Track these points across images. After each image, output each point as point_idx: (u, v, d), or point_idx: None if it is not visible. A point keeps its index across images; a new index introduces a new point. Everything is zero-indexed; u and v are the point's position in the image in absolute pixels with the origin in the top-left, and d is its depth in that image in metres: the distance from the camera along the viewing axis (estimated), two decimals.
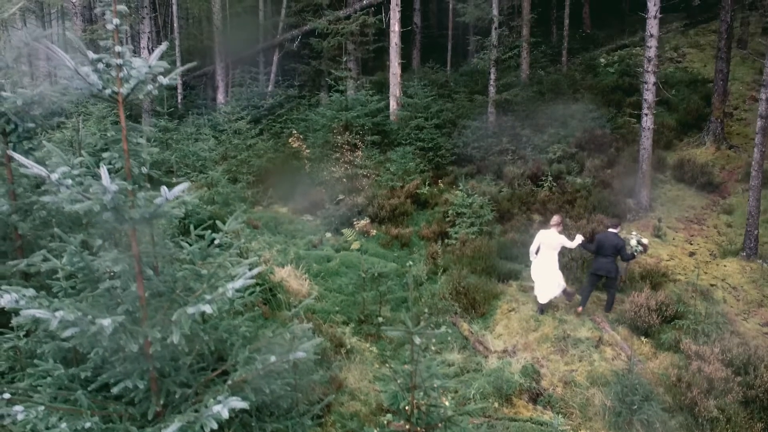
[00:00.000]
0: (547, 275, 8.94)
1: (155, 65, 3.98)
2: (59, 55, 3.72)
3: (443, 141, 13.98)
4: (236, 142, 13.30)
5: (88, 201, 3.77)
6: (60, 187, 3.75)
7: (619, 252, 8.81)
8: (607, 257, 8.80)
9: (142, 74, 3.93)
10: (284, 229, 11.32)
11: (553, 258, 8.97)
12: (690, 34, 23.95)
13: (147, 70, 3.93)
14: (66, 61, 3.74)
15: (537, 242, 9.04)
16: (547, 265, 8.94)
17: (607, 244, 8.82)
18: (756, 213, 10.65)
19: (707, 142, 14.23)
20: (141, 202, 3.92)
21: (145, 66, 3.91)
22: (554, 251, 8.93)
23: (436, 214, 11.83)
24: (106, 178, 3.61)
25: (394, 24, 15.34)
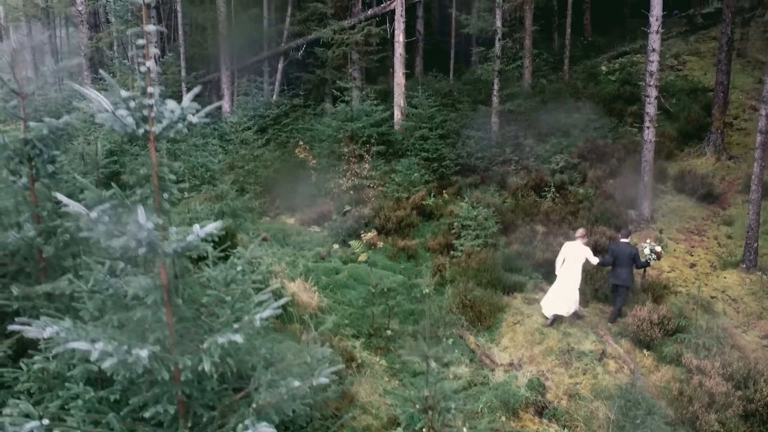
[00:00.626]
0: (568, 289, 9.18)
1: (187, 107, 4.17)
2: (97, 98, 3.91)
3: (447, 151, 14.19)
4: (243, 152, 13.48)
5: (124, 237, 3.96)
6: (98, 224, 3.93)
7: (634, 260, 9.17)
8: (624, 267, 9.15)
9: (174, 116, 4.12)
10: (292, 241, 11.52)
11: (576, 270, 9.22)
12: (690, 40, 24.17)
13: (179, 113, 4.12)
14: (104, 104, 3.93)
15: (562, 255, 9.31)
16: (570, 278, 9.18)
17: (622, 254, 9.15)
18: (755, 226, 10.87)
19: (707, 152, 14.45)
20: (173, 237, 4.11)
21: (178, 109, 4.10)
22: (578, 263, 9.19)
23: (442, 225, 12.03)
24: (143, 217, 3.80)
25: (398, 35, 15.53)
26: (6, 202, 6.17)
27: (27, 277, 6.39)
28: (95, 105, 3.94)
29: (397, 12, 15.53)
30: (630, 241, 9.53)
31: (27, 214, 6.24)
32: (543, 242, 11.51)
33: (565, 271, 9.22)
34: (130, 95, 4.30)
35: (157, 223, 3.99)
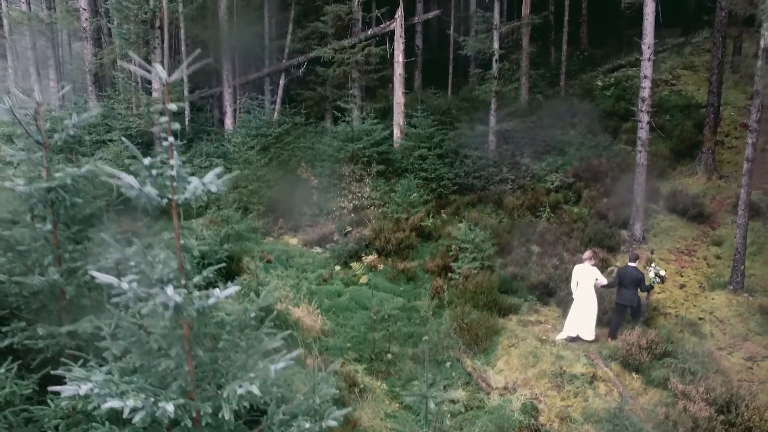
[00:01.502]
0: (586, 311, 9.73)
1: (209, 182, 4.54)
2: (126, 179, 4.29)
3: (446, 170, 14.58)
4: (246, 172, 13.86)
5: (152, 302, 4.35)
6: (128, 292, 4.32)
7: (639, 284, 9.74)
8: (629, 289, 9.74)
9: (197, 191, 4.50)
10: (296, 262, 11.91)
11: (591, 292, 9.77)
12: (685, 53, 24.55)
13: (201, 188, 4.49)
14: (132, 183, 4.31)
15: (575, 278, 9.88)
16: (587, 300, 9.73)
17: (628, 277, 9.73)
18: (742, 249, 11.29)
19: (699, 172, 14.86)
20: (196, 301, 4.50)
21: (200, 185, 4.47)
22: (591, 285, 9.74)
23: (440, 246, 12.42)
24: (171, 291, 4.19)
25: (398, 55, 15.90)
26: (31, 246, 6.56)
27: (49, 315, 6.79)
28: (124, 183, 4.32)
29: (396, 33, 15.91)
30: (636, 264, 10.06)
31: (50, 256, 6.64)
32: (538, 264, 11.92)
33: (580, 293, 9.81)
34: (153, 161, 4.68)
35: (183, 292, 4.37)
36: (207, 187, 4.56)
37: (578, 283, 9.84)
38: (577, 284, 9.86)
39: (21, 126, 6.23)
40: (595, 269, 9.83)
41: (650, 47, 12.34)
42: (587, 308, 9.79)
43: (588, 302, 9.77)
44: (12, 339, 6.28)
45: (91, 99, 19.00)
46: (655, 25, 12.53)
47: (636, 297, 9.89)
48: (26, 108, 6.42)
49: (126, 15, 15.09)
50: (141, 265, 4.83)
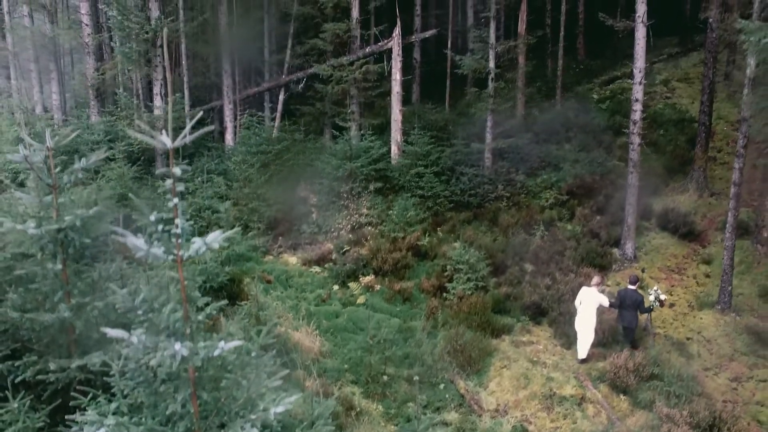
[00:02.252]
0: (585, 330, 10.16)
1: (211, 241, 4.84)
2: (132, 242, 4.59)
3: (442, 188, 14.88)
4: (246, 191, 14.16)
5: (159, 354, 4.66)
6: (138, 345, 4.63)
7: (638, 306, 10.17)
8: (629, 311, 10.18)
9: (200, 249, 4.80)
10: (295, 282, 12.22)
11: (591, 314, 10.16)
12: (680, 64, 24.84)
13: (204, 247, 4.79)
14: (139, 245, 4.61)
15: (579, 298, 10.30)
16: (586, 320, 10.16)
17: (628, 300, 10.16)
18: (729, 270, 11.60)
19: (690, 189, 15.16)
20: (202, 351, 4.81)
21: (203, 245, 4.78)
22: (593, 308, 10.16)
23: (436, 266, 12.73)
24: (178, 345, 4.49)
25: (395, 73, 16.20)
26: (41, 283, 6.87)
27: (59, 348, 7.11)
28: (131, 246, 4.62)
29: (394, 51, 16.20)
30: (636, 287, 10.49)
31: (60, 292, 6.96)
32: (531, 283, 12.23)
33: (581, 313, 10.23)
34: (158, 217, 4.99)
35: (189, 345, 4.67)
36: (210, 246, 4.87)
37: (581, 302, 10.25)
38: (580, 303, 10.27)
39: (33, 171, 6.54)
40: (601, 295, 10.26)
41: (641, 71, 12.64)
42: (585, 328, 10.16)
43: (587, 323, 10.13)
44: (24, 374, 6.60)
45: (93, 114, 19.28)
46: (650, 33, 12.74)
47: (636, 319, 10.30)
48: (37, 152, 6.74)
49: (128, 33, 15.37)
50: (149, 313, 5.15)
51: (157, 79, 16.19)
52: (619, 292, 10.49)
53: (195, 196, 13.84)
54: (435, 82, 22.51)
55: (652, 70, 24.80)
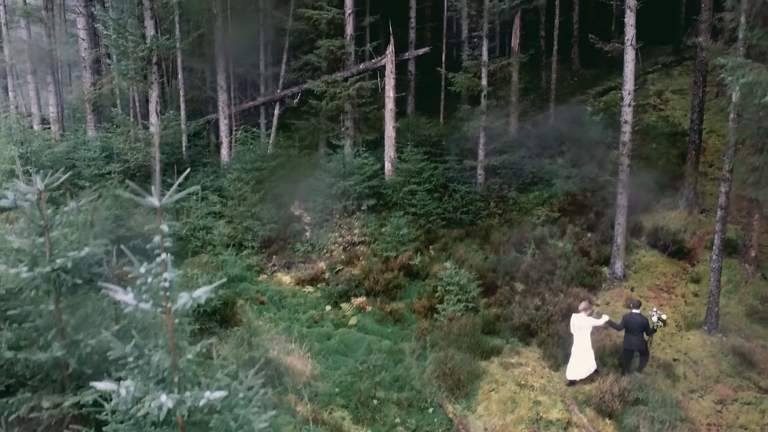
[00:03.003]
0: (581, 355, 10.36)
1: (197, 296, 5.00)
2: (122, 297, 4.75)
3: (434, 206, 15.03)
4: (241, 209, 14.32)
5: (148, 404, 4.82)
6: (127, 396, 4.79)
7: (644, 329, 10.38)
8: (635, 335, 10.38)
9: (187, 303, 4.96)
10: (288, 303, 12.38)
11: (586, 339, 10.36)
12: (674, 74, 24.96)
13: (191, 302, 4.95)
14: (128, 301, 4.77)
15: (572, 324, 10.50)
16: (581, 346, 10.36)
17: (634, 324, 10.37)
18: (716, 291, 11.75)
19: (681, 206, 15.31)
20: (188, 400, 4.97)
21: (189, 299, 4.94)
22: (587, 332, 10.36)
23: (427, 286, 12.89)
24: (164, 398, 4.65)
25: (389, 90, 16.34)
26: (35, 322, 7.02)
27: (53, 383, 7.28)
28: (121, 300, 4.79)
29: (387, 69, 16.34)
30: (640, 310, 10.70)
31: (53, 330, 7.12)
32: (521, 304, 12.37)
33: (576, 340, 10.43)
34: (149, 268, 5.15)
35: (175, 398, 4.83)
36: (196, 301, 5.03)
37: (575, 328, 10.48)
38: (575, 329, 10.49)
39: (24, 215, 6.69)
40: (590, 319, 10.41)
41: (630, 93, 12.78)
42: (582, 353, 10.39)
43: (584, 347, 10.37)
44: (18, 410, 6.76)
45: (90, 128, 19.44)
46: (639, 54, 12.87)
47: (643, 342, 10.55)
48: (28, 193, 6.88)
49: (123, 51, 15.51)
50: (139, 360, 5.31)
51: (152, 97, 16.33)
52: (624, 317, 10.66)
53: (190, 215, 14.00)
54: (430, 93, 22.62)
55: (646, 81, 24.94)
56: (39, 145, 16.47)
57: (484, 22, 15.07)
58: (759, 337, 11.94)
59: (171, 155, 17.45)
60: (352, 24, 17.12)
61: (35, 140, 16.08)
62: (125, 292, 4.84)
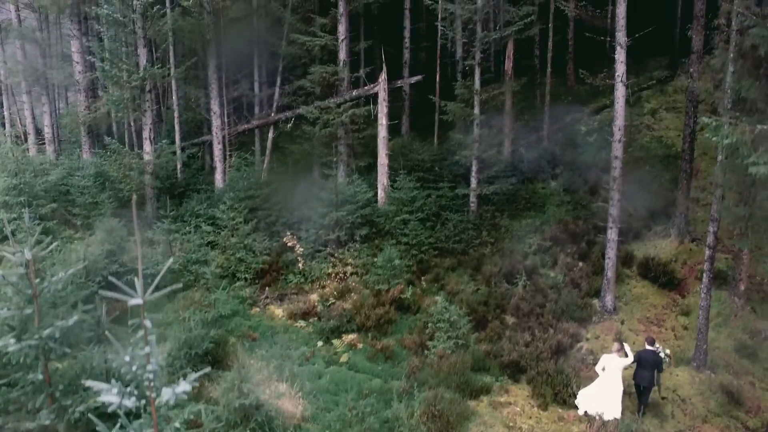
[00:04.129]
0: (611, 394, 10.57)
1: (180, 392, 5.06)
2: (106, 395, 4.83)
3: (426, 235, 15.10)
4: (234, 240, 14.38)
5: None
6: None
7: (657, 366, 10.64)
8: (648, 371, 10.61)
9: (171, 399, 5.03)
10: (280, 339, 12.45)
11: (617, 379, 10.60)
12: (669, 91, 24.94)
13: (174, 397, 5.02)
14: (112, 399, 4.85)
15: (601, 364, 10.75)
16: (611, 384, 10.60)
17: (647, 360, 10.63)
18: (705, 329, 11.83)
19: (672, 234, 15.38)
20: None
21: (173, 395, 5.00)
22: (618, 372, 10.62)
23: (418, 321, 12.97)
24: None
25: (381, 118, 16.39)
26: (25, 389, 7.09)
27: None
28: (105, 397, 4.86)
29: (380, 96, 16.39)
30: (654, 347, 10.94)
31: (42, 395, 7.19)
32: (510, 339, 12.45)
33: (606, 378, 10.64)
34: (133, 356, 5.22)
35: None
36: (179, 396, 5.11)
37: (604, 368, 10.69)
38: (603, 369, 10.71)
39: (11, 287, 6.75)
40: (622, 359, 10.68)
41: (620, 129, 12.83)
42: (613, 390, 10.58)
43: (614, 385, 10.59)
44: None
45: (86, 150, 19.48)
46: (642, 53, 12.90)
47: (653, 377, 10.73)
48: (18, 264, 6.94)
49: (117, 82, 15.55)
50: None
51: (146, 124, 16.36)
52: (638, 353, 10.91)
53: (182, 246, 14.07)
54: (425, 111, 22.66)
55: (641, 98, 24.99)
56: (34, 170, 16.50)
57: (476, 51, 15.11)
58: (748, 373, 12.03)
59: (165, 179, 17.51)
60: (345, 50, 17.15)
61: (30, 166, 16.09)
62: (109, 390, 4.92)
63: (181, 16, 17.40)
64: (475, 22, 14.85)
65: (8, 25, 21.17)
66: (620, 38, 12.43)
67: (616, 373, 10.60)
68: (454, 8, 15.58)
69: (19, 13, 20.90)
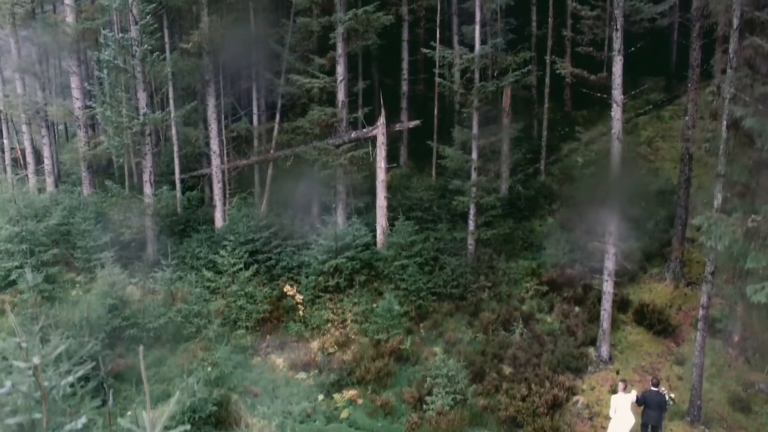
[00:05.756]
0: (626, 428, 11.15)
1: None
2: None
3: (425, 280, 15.26)
4: (235, 288, 14.54)
5: None
6: None
7: (662, 406, 11.29)
8: (654, 410, 11.22)
9: None
10: (281, 393, 12.63)
11: (629, 414, 11.20)
12: (665, 117, 25.07)
13: None
14: None
15: (613, 406, 11.35)
16: (627, 421, 11.16)
17: (653, 401, 11.24)
18: (699, 385, 12.04)
19: (667, 278, 15.58)
20: None
21: None
22: (628, 408, 11.23)
23: (417, 373, 13.15)
24: None
25: (380, 161, 16.55)
26: None
27: None
28: None
29: (378, 140, 16.54)
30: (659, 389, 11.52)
31: None
32: (508, 393, 12.62)
33: (619, 417, 11.23)
34: None
35: None
36: None
37: (616, 409, 11.25)
38: (615, 411, 11.26)
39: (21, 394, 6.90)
40: (630, 395, 11.36)
41: (616, 198, 13.05)
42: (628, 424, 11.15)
43: (627, 420, 11.18)
44: None
45: (86, 186, 19.58)
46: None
47: (660, 418, 11.28)
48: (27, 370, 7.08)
49: (117, 126, 15.67)
50: None
51: (146, 168, 16.49)
52: (643, 394, 11.46)
53: (183, 296, 14.23)
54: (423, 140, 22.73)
55: (637, 125, 25.15)
56: (35, 213, 16.62)
57: (474, 99, 15.26)
58: (741, 427, 12.25)
59: (165, 217, 17.64)
60: (343, 90, 17.28)
61: (31, 208, 16.19)
62: None
63: (181, 56, 17.50)
64: (473, 71, 15.00)
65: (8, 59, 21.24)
66: (616, 96, 12.60)
67: (627, 410, 11.24)
68: (452, 57, 15.72)
69: (18, 45, 20.96)
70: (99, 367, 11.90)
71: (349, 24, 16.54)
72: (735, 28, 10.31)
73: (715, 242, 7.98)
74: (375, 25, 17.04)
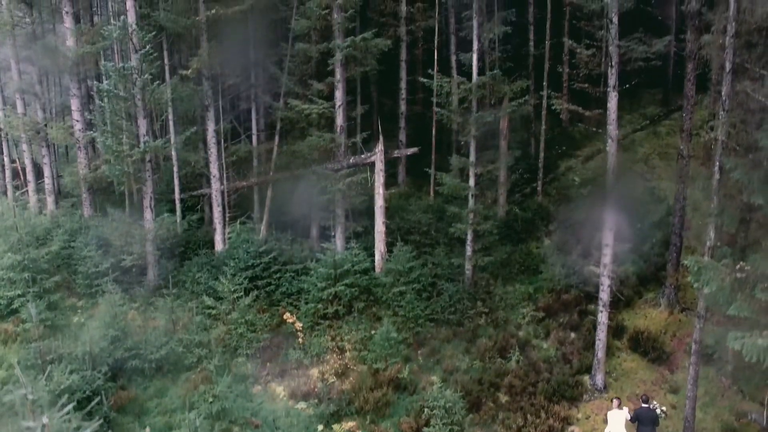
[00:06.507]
0: None
1: None
2: None
3: (423, 307, 15.47)
4: (235, 315, 14.73)
5: None
6: None
7: (654, 421, 11.89)
8: (647, 426, 11.78)
9: None
10: (281, 423, 12.84)
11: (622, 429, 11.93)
12: (662, 133, 25.20)
13: None
14: None
15: (610, 422, 12.07)
16: None
17: (646, 417, 11.84)
18: (692, 418, 12.24)
19: (662, 304, 15.79)
20: None
21: None
22: (622, 424, 11.99)
23: (415, 403, 13.35)
24: None
25: (378, 187, 16.73)
26: None
27: None
28: None
29: (376, 167, 16.72)
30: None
31: None
32: (504, 423, 12.85)
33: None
34: None
35: None
36: None
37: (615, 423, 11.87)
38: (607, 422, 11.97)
39: None
40: (623, 410, 12.04)
41: (611, 229, 13.26)
42: None
43: None
44: None
45: (86, 207, 19.73)
46: None
47: None
48: None
49: (117, 155, 15.82)
50: None
51: (146, 193, 16.65)
52: (636, 411, 12.05)
53: (183, 324, 14.43)
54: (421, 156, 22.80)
55: (634, 141, 25.30)
56: (37, 238, 16.80)
57: (471, 128, 15.43)
58: None
59: (166, 239, 17.79)
60: (342, 116, 17.45)
61: (32, 236, 16.37)
62: None
63: (180, 81, 17.64)
64: (470, 101, 15.18)
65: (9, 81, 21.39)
66: (611, 131, 12.79)
67: (621, 426, 11.91)
68: (450, 85, 15.89)
69: (19, 66, 21.09)
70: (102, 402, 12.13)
71: (347, 51, 16.70)
72: (728, 72, 10.48)
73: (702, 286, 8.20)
74: (373, 51, 17.21)
